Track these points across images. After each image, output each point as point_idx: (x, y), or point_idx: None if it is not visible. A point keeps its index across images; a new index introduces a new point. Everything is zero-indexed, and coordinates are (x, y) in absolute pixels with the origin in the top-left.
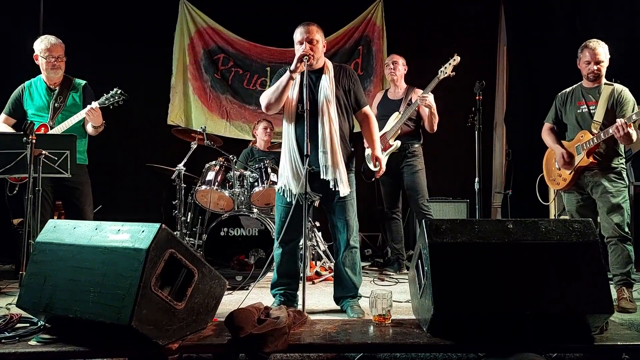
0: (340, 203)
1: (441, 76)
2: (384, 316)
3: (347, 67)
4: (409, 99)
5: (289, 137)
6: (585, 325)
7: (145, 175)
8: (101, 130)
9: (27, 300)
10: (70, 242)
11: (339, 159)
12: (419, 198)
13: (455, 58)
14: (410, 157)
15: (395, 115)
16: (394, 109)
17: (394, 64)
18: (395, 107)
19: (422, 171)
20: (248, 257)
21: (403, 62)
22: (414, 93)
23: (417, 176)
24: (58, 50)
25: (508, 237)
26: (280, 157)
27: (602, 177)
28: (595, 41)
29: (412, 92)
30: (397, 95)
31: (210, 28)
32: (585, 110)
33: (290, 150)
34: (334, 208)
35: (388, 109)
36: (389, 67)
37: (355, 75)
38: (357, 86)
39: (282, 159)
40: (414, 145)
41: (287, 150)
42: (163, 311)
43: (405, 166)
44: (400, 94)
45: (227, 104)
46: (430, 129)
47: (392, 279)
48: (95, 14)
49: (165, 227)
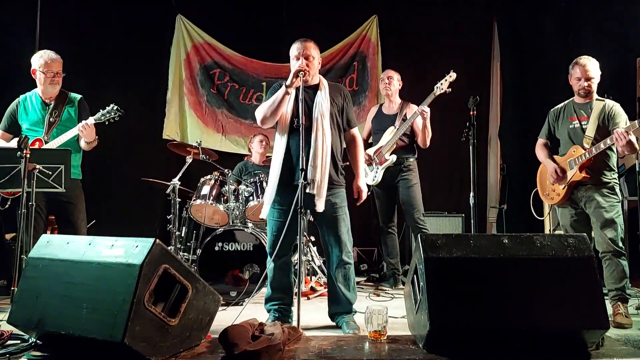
0: (332, 218)
1: (437, 92)
2: (379, 332)
3: (342, 87)
4: (403, 114)
5: (281, 151)
6: (581, 341)
7: (139, 189)
8: (94, 145)
9: (18, 316)
10: (63, 258)
11: (325, 175)
12: (415, 212)
13: (452, 75)
14: (405, 172)
15: (391, 130)
16: (389, 124)
17: (389, 79)
18: (391, 122)
19: (417, 185)
20: (242, 272)
21: (398, 77)
22: (409, 108)
23: (413, 190)
24: (57, 65)
25: (503, 252)
26: (270, 170)
27: (595, 192)
28: (586, 58)
29: (407, 107)
30: (391, 110)
31: (207, 43)
32: (577, 125)
33: (281, 163)
34: (325, 223)
35: (383, 124)
36: (383, 82)
37: (349, 95)
38: (349, 106)
39: (271, 171)
40: (409, 160)
41: (278, 163)
42: (156, 327)
43: (400, 180)
44: (395, 108)
45: (222, 119)
46: (423, 143)
47: (388, 294)
48: (91, 29)
49: (159, 242)
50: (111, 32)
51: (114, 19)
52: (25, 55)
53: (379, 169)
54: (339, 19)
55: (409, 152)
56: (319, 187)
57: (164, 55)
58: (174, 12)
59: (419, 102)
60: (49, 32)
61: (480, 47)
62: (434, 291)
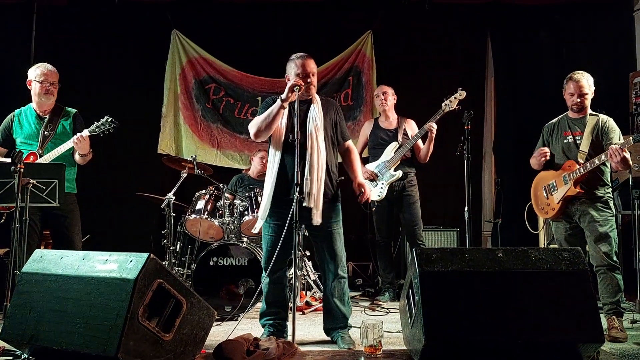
0: (327, 232)
1: (446, 109)
2: (375, 347)
3: (333, 101)
4: (403, 129)
5: (275, 165)
6: (576, 354)
7: (134, 204)
8: (89, 159)
9: (11, 331)
10: (57, 273)
11: (321, 188)
12: (416, 229)
13: (461, 93)
14: (408, 187)
15: (394, 145)
16: (389, 139)
17: (384, 94)
18: (391, 137)
19: (418, 201)
20: (237, 287)
21: (392, 92)
22: (407, 123)
23: (415, 207)
24: (53, 77)
25: (498, 265)
26: (265, 184)
27: (589, 207)
28: (580, 73)
29: (405, 122)
30: (390, 125)
31: (202, 58)
32: (572, 140)
33: (275, 178)
34: (320, 237)
35: (381, 139)
36: (379, 98)
37: (340, 109)
38: (342, 119)
39: (265, 186)
40: (411, 175)
41: (272, 178)
42: (150, 342)
43: (404, 196)
44: (393, 123)
45: (218, 133)
46: (424, 159)
47: (383, 308)
48: (86, 44)
49: (154, 256)
50: (107, 47)
51: (110, 34)
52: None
53: (383, 185)
54: (334, 34)
55: (410, 166)
56: (316, 200)
57: (160, 70)
58: (169, 27)
59: (415, 117)
60: (44, 46)
61: (474, 62)
62: (429, 305)
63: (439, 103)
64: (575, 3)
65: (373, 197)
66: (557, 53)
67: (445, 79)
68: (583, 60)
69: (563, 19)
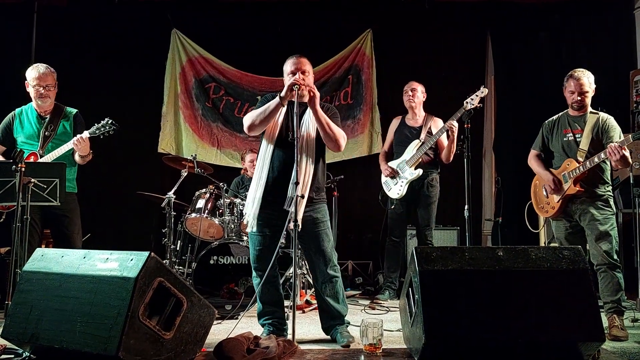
0: (314, 233)
1: (467, 107)
2: (375, 345)
3: (327, 105)
4: (428, 127)
5: (264, 164)
6: (577, 353)
7: (135, 203)
8: (89, 159)
9: (12, 330)
10: (58, 271)
11: (306, 193)
12: (427, 229)
13: (483, 90)
14: (428, 188)
15: (416, 143)
16: (413, 137)
17: (412, 91)
18: (415, 135)
19: (436, 203)
20: (238, 286)
21: (422, 89)
22: (433, 121)
23: (432, 209)
24: (47, 79)
25: (499, 264)
26: (252, 182)
27: (589, 205)
28: (580, 71)
29: (431, 120)
30: (416, 123)
31: (202, 57)
32: (571, 138)
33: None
34: (306, 239)
35: (407, 136)
36: (407, 94)
37: (333, 110)
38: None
39: (253, 183)
40: (432, 174)
41: (260, 177)
42: (151, 341)
43: (422, 196)
44: (419, 121)
45: (218, 132)
46: (446, 159)
47: (383, 307)
48: (87, 43)
49: (154, 255)
50: (107, 47)
51: (110, 33)
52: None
53: (404, 183)
54: (334, 33)
55: (433, 166)
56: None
57: (160, 69)
58: (169, 26)
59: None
60: (44, 46)
61: (474, 61)
62: (429, 304)
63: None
64: (575, 1)
65: (392, 195)
66: (557, 51)
67: (445, 77)
68: (583, 58)
69: (563, 18)
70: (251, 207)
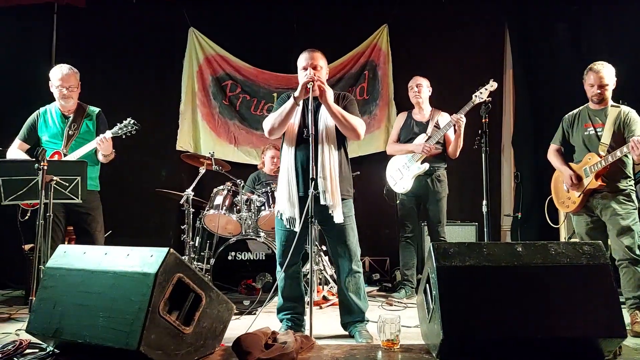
0: (340, 227)
1: (476, 101)
2: (392, 341)
3: (345, 94)
4: (435, 121)
5: (289, 161)
6: (597, 350)
7: (154, 200)
8: (111, 158)
9: (36, 325)
10: (80, 267)
11: (336, 185)
12: (439, 226)
13: (492, 84)
14: (436, 183)
15: (422, 138)
16: (420, 132)
17: (417, 86)
18: (422, 130)
19: (445, 198)
20: (255, 281)
21: (427, 84)
22: (440, 116)
23: (441, 204)
24: (70, 80)
25: (517, 260)
26: (278, 181)
27: (611, 200)
28: (600, 64)
29: (438, 114)
30: (422, 118)
31: (219, 55)
32: (592, 132)
33: (288, 173)
34: (333, 233)
35: (414, 131)
36: (413, 90)
37: (349, 97)
38: (351, 106)
39: (279, 182)
40: (440, 169)
41: (285, 173)
42: (171, 336)
43: (430, 192)
44: (426, 116)
45: (234, 130)
46: (453, 154)
47: (401, 304)
48: (106, 42)
49: (174, 251)
50: (125, 46)
51: (128, 33)
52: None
53: (409, 177)
54: (349, 29)
55: (440, 161)
56: (333, 197)
57: (178, 67)
58: (186, 25)
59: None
60: (64, 46)
61: (492, 54)
62: (446, 300)
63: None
64: None
65: (398, 189)
66: (577, 43)
67: (463, 71)
68: (603, 50)
69: (582, 8)
70: (285, 206)
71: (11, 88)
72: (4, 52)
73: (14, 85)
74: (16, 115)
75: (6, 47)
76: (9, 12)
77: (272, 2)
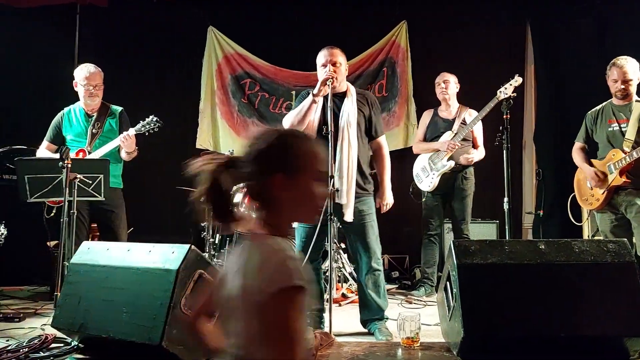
0: (360, 225)
1: (501, 97)
2: (412, 339)
3: (370, 95)
4: (462, 119)
5: None
6: (623, 348)
7: (175, 197)
8: (134, 155)
9: (62, 320)
10: (104, 264)
11: (352, 184)
12: (462, 223)
13: (517, 79)
14: (462, 181)
15: (448, 135)
16: (446, 129)
17: (445, 82)
18: (448, 127)
19: (471, 196)
20: None
21: (455, 80)
22: (467, 113)
23: (466, 202)
24: (96, 78)
25: (540, 257)
26: None
27: (636, 196)
28: (624, 58)
29: (465, 111)
30: (449, 115)
31: (237, 54)
32: (617, 128)
33: None
34: (353, 231)
35: (440, 129)
36: (440, 86)
37: (377, 103)
38: (377, 114)
39: None
40: (467, 167)
41: None
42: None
43: (457, 190)
44: (453, 113)
45: (253, 128)
46: None
47: (421, 301)
48: (127, 42)
49: (195, 248)
50: (146, 45)
51: (149, 32)
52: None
53: (435, 175)
54: (368, 26)
55: None
56: (347, 197)
57: (197, 66)
58: (205, 24)
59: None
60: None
61: (513, 51)
62: (467, 298)
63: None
64: None
65: (424, 187)
66: (600, 38)
67: (483, 68)
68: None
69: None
70: None
71: (35, 87)
72: (28, 52)
73: (38, 84)
74: (40, 114)
75: (29, 47)
76: (32, 13)
77: (291, 1)
